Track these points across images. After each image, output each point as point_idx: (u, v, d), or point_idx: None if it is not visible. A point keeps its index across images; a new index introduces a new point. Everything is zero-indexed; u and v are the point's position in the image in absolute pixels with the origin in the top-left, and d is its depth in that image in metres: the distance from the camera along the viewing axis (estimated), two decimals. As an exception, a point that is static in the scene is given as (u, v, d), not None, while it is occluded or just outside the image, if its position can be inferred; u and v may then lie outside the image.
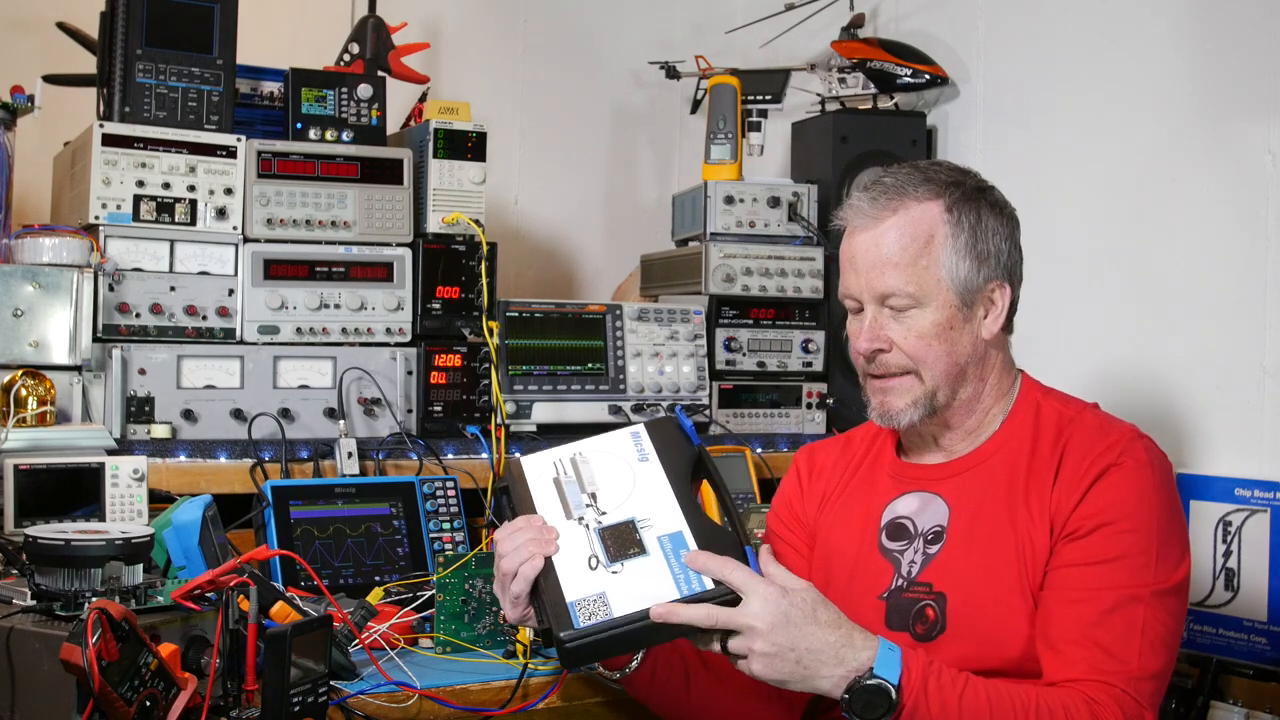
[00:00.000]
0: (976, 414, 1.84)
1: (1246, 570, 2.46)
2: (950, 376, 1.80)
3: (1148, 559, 1.66)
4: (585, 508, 1.72)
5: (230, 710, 1.50)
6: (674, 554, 1.65)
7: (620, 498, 1.73)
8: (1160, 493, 1.72)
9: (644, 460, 1.77)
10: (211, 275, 2.55)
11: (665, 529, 1.68)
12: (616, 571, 1.64)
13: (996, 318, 1.82)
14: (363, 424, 2.63)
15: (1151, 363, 2.70)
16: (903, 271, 1.77)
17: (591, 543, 1.68)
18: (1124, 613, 1.64)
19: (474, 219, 2.72)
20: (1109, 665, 1.62)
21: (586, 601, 1.61)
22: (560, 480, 1.77)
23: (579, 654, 1.61)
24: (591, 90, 3.80)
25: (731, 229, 3.09)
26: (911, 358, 1.79)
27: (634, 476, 1.75)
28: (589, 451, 1.80)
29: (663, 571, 1.63)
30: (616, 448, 1.80)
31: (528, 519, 1.71)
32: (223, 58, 2.57)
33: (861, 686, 1.57)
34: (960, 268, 1.78)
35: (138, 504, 2.20)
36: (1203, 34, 2.65)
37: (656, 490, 1.73)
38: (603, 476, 1.76)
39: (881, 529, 1.86)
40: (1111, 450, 1.72)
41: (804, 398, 3.11)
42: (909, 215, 1.79)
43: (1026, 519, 1.73)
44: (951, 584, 1.76)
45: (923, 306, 1.77)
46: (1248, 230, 2.54)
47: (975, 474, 1.81)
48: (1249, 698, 2.39)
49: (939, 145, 3.26)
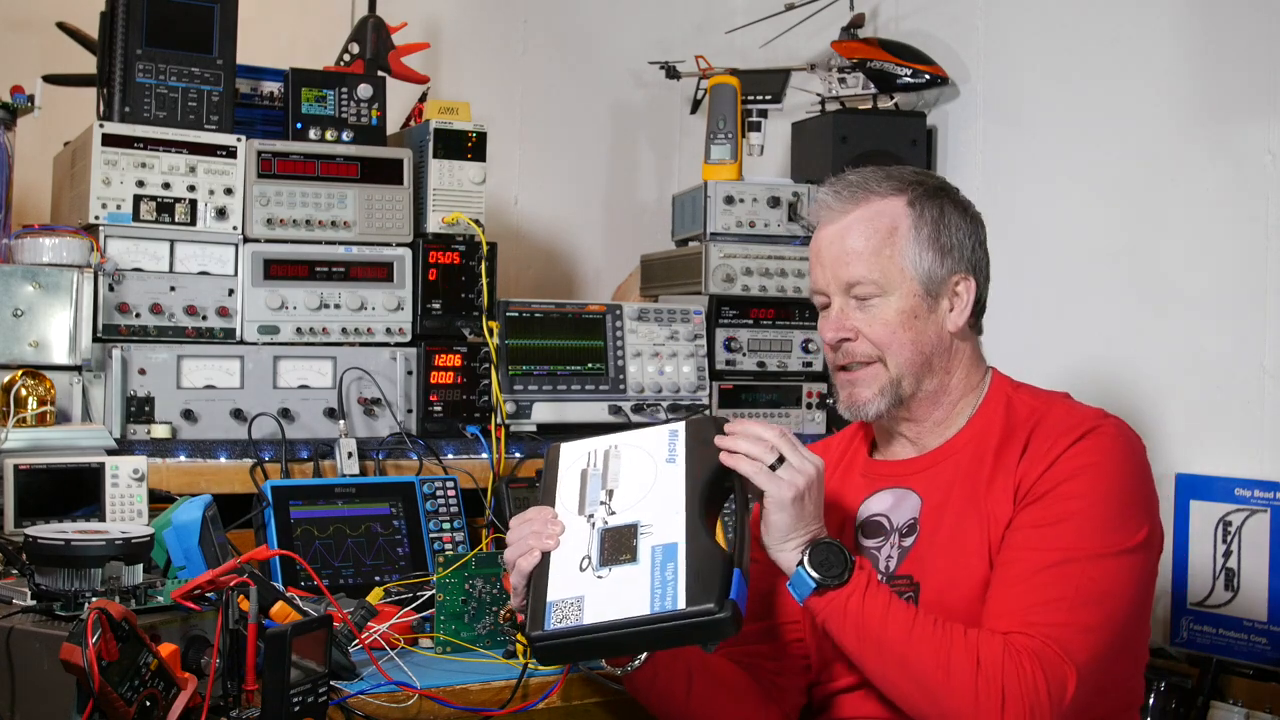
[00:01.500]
0: (943, 406, 1.86)
1: (1246, 570, 2.46)
2: (915, 365, 1.82)
3: (1095, 524, 1.67)
4: (599, 505, 1.70)
5: (230, 710, 1.50)
6: (661, 566, 1.60)
7: (634, 499, 1.70)
8: (1124, 465, 1.73)
9: (671, 461, 1.73)
10: (211, 275, 2.55)
11: (662, 539, 1.64)
12: (601, 576, 1.62)
13: (962, 310, 1.84)
14: (363, 424, 2.63)
15: (1152, 363, 2.70)
16: (866, 261, 1.81)
17: (590, 542, 1.66)
18: (1058, 570, 1.65)
19: (474, 219, 2.72)
20: (1033, 617, 1.63)
21: (564, 603, 1.60)
22: (587, 472, 1.75)
23: (546, 654, 1.61)
24: (591, 90, 3.80)
25: (731, 229, 3.09)
26: (877, 345, 1.82)
27: (655, 478, 1.72)
28: (624, 446, 1.77)
29: (643, 583, 1.59)
30: (652, 444, 1.76)
31: (539, 511, 1.72)
32: (223, 58, 2.57)
33: (827, 542, 1.67)
34: (923, 259, 1.81)
35: (138, 504, 2.20)
36: (1203, 34, 2.65)
37: (670, 495, 1.69)
38: (626, 474, 1.73)
39: (857, 528, 1.88)
40: (1079, 427, 1.74)
41: (804, 398, 3.11)
42: (872, 208, 1.83)
43: (988, 496, 1.75)
44: (928, 573, 1.78)
45: (887, 295, 1.81)
46: (1248, 230, 2.54)
47: (945, 466, 1.83)
48: (1249, 698, 2.39)
49: (939, 145, 3.26)
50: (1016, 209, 2.98)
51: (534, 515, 1.71)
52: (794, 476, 1.65)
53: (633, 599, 1.58)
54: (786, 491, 1.64)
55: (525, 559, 1.66)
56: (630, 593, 1.59)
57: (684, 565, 1.59)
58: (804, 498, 1.65)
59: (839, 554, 1.66)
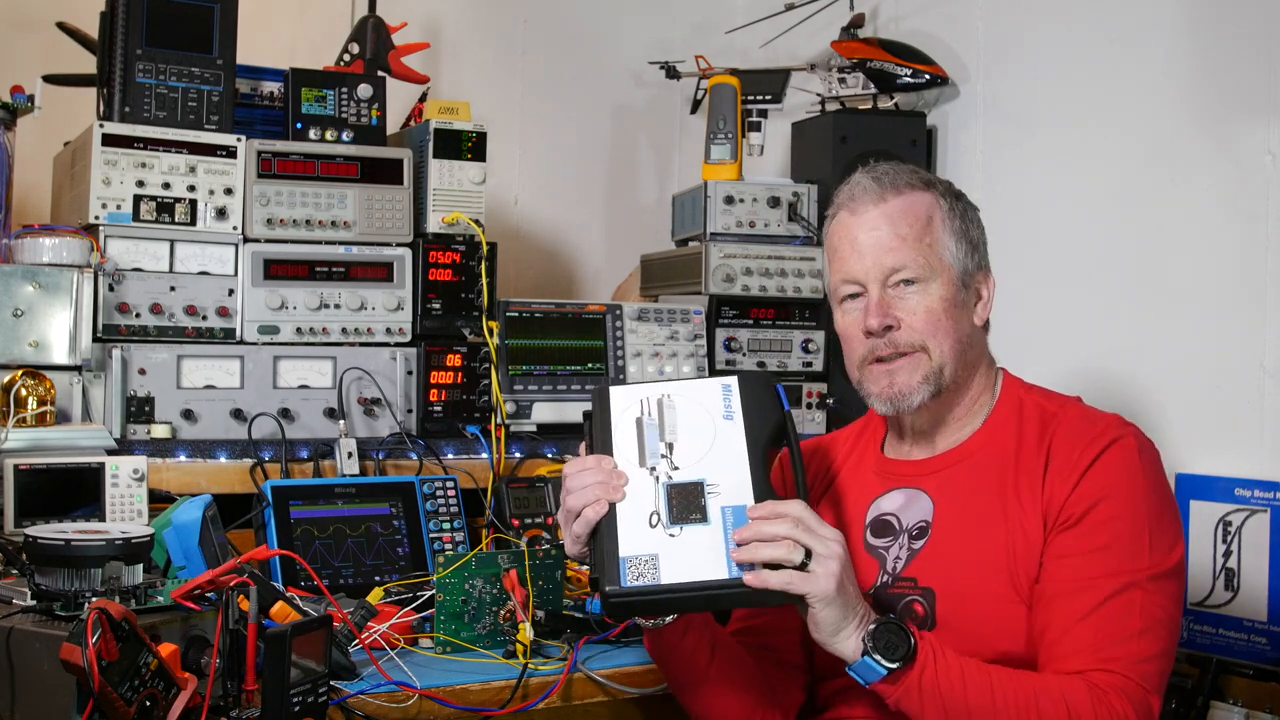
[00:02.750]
0: (963, 403, 1.85)
1: (1246, 570, 2.46)
2: (955, 354, 1.80)
3: (1140, 544, 1.67)
4: (660, 458, 1.68)
5: (230, 710, 1.50)
6: (731, 529, 1.61)
7: (697, 455, 1.68)
8: (1149, 478, 1.73)
9: (728, 418, 1.72)
10: (211, 275, 2.55)
11: (731, 499, 1.63)
12: (674, 535, 1.61)
13: (985, 306, 1.85)
14: (363, 424, 2.63)
15: (1151, 362, 2.70)
16: (910, 247, 1.79)
17: (657, 498, 1.65)
18: (1121, 599, 1.64)
19: (474, 219, 2.72)
20: (1109, 652, 1.62)
21: (638, 560, 1.59)
22: (642, 421, 1.72)
23: (620, 609, 1.62)
24: (591, 90, 3.80)
25: (731, 229, 3.08)
26: (921, 333, 1.78)
27: (714, 433, 1.70)
28: (677, 395, 1.75)
29: (718, 547, 1.60)
30: (705, 398, 1.74)
31: (599, 460, 1.68)
32: (223, 58, 2.57)
33: (884, 623, 1.60)
34: (959, 250, 1.81)
35: (138, 504, 2.20)
36: (1203, 34, 2.65)
37: (733, 454, 1.68)
38: (685, 427, 1.71)
39: (866, 526, 1.86)
40: (1101, 438, 1.73)
41: (804, 398, 3.11)
42: (907, 199, 1.82)
43: (1018, 512, 1.73)
44: (938, 579, 1.76)
45: (929, 282, 1.79)
46: (1248, 230, 2.54)
47: (960, 469, 1.82)
48: (1249, 698, 2.39)
49: (939, 145, 3.26)
50: (1016, 209, 2.98)
51: (594, 465, 1.67)
52: (828, 565, 1.57)
53: (708, 562, 1.59)
54: (829, 585, 1.57)
55: (593, 509, 1.63)
56: (705, 555, 1.60)
57: None
58: (845, 583, 1.59)
59: (899, 632, 1.60)
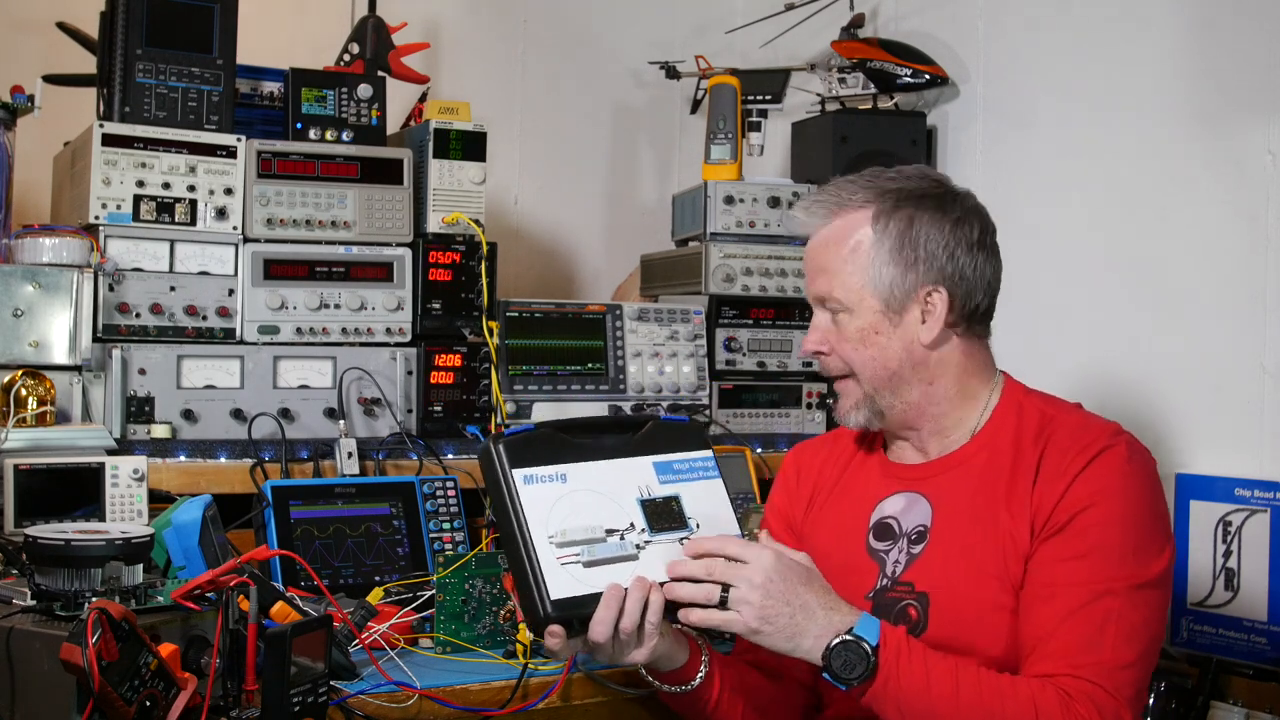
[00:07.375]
0: (932, 417, 1.84)
1: (1246, 570, 2.46)
2: (882, 380, 1.82)
3: (1123, 553, 1.67)
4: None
5: (230, 710, 1.50)
6: None
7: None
8: (1140, 487, 1.72)
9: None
10: (211, 275, 2.55)
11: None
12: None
13: (935, 321, 1.80)
14: (363, 424, 2.63)
15: (1151, 362, 2.70)
16: (831, 277, 1.83)
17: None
18: (1098, 606, 1.64)
19: (474, 219, 2.72)
20: (1082, 659, 1.62)
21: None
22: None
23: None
24: (591, 90, 3.80)
25: (731, 229, 3.09)
26: (845, 361, 1.84)
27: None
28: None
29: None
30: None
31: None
32: (223, 58, 2.57)
33: (842, 642, 1.61)
34: (884, 274, 1.79)
35: (138, 504, 2.20)
36: (1203, 33, 2.65)
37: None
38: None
39: (869, 529, 1.87)
40: (1091, 446, 1.73)
41: (804, 398, 3.11)
42: (837, 225, 1.83)
43: (1008, 517, 1.74)
44: (934, 583, 1.77)
45: (849, 312, 1.81)
46: (1248, 230, 2.54)
47: (957, 473, 1.82)
48: (1249, 698, 2.39)
49: (939, 145, 3.26)
50: (1016, 208, 2.97)
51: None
52: (748, 599, 1.61)
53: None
54: (748, 619, 1.62)
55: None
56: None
57: None
58: (773, 611, 1.62)
59: (856, 649, 1.61)
